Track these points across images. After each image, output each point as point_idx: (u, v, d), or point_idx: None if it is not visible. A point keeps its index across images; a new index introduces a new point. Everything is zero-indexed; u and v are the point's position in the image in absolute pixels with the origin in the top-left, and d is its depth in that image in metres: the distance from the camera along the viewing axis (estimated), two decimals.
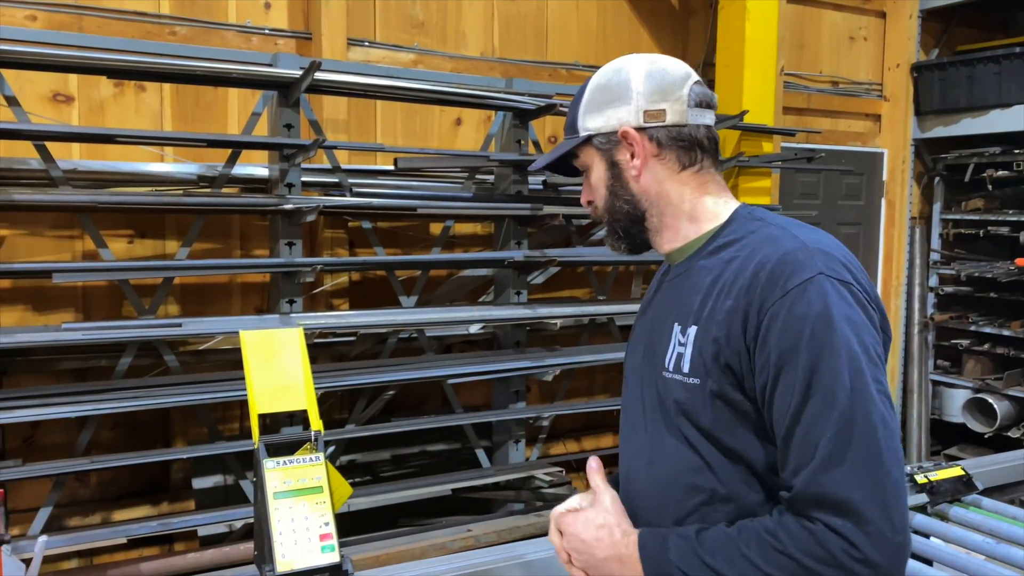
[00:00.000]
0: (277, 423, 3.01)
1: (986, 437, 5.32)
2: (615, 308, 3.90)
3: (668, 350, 1.30)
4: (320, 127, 3.33)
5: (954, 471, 2.77)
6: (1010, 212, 5.34)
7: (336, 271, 3.55)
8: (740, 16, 4.29)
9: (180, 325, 2.89)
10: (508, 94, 3.61)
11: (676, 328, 1.29)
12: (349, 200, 3.27)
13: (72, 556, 3.18)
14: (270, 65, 3.21)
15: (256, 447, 1.98)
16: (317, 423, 2.10)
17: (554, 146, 1.50)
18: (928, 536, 2.56)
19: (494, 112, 3.77)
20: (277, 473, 1.94)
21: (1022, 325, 5.26)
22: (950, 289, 5.73)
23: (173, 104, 3.42)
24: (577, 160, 1.42)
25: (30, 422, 2.98)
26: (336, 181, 3.36)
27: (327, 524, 1.92)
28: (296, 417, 2.99)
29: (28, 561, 2.23)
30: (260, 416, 2.08)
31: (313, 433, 2.05)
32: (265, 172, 3.29)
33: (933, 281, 5.83)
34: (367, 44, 3.79)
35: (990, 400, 5.24)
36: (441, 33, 4.01)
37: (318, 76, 3.00)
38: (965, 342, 5.57)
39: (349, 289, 3.72)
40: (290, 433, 2.55)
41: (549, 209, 3.59)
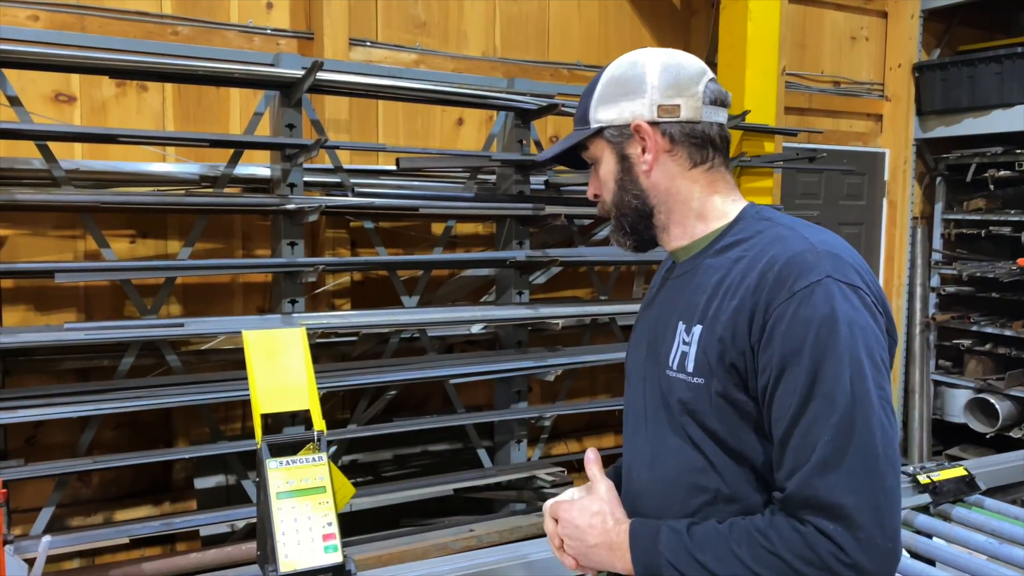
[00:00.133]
0: (279, 423, 3.01)
1: (988, 437, 5.31)
2: (617, 308, 3.90)
3: (672, 349, 1.29)
4: (322, 127, 3.33)
5: (957, 471, 2.77)
6: (1012, 212, 5.34)
7: (338, 271, 3.55)
8: (742, 16, 4.29)
9: (182, 325, 2.89)
10: (510, 94, 3.61)
11: (681, 327, 1.28)
12: (351, 200, 3.26)
13: (74, 556, 3.18)
14: (272, 65, 3.21)
15: (259, 447, 1.98)
16: (320, 423, 2.10)
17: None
18: (931, 536, 2.56)
19: (496, 112, 3.77)
20: (280, 473, 1.94)
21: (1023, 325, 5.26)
22: (952, 289, 5.73)
23: (175, 104, 3.42)
24: (586, 152, 1.39)
25: (32, 422, 2.98)
26: (338, 181, 3.36)
27: (330, 524, 1.92)
28: (298, 417, 2.98)
29: (30, 561, 2.23)
30: (262, 416, 2.08)
31: (316, 433, 2.05)
32: (267, 172, 3.29)
33: (935, 281, 5.83)
34: (369, 44, 3.79)
35: (992, 400, 5.24)
36: (443, 33, 4.01)
37: (320, 76, 3.00)
38: (967, 342, 5.56)
39: (351, 289, 3.72)
40: (293, 433, 2.55)
41: (551, 209, 3.59)
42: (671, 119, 1.30)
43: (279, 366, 2.15)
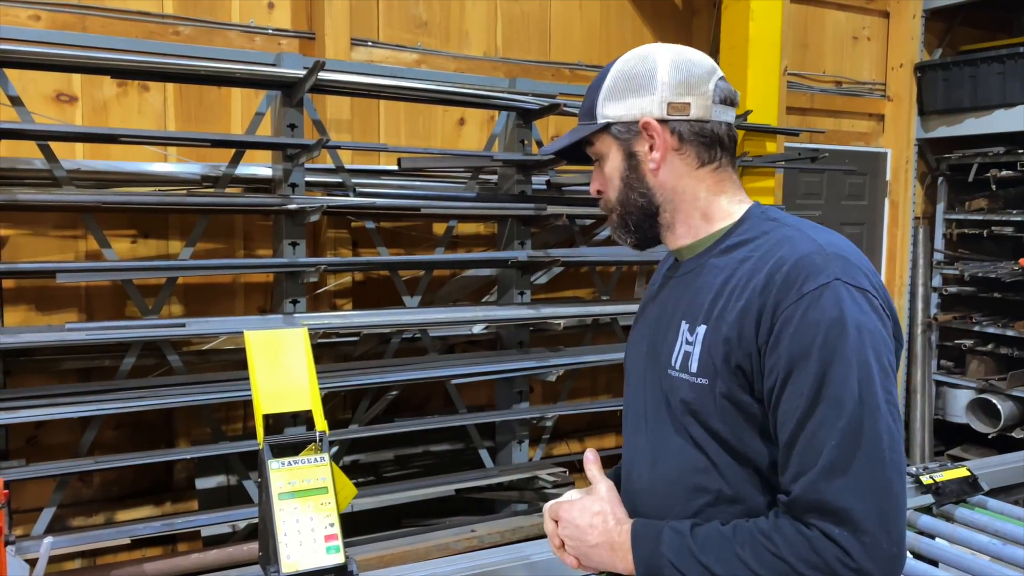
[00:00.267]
0: (280, 423, 3.01)
1: (990, 438, 5.31)
2: (618, 308, 3.90)
3: (674, 348, 1.28)
4: (323, 127, 3.33)
5: (960, 472, 2.77)
6: (1014, 212, 5.33)
7: (339, 271, 3.54)
8: (744, 16, 4.28)
9: (184, 325, 2.89)
10: (511, 94, 3.61)
11: (684, 326, 1.27)
12: (352, 200, 3.26)
13: (75, 556, 3.18)
14: (274, 65, 3.21)
15: (261, 448, 1.97)
16: (322, 424, 2.10)
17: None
18: (933, 537, 2.55)
19: (497, 112, 3.76)
20: (282, 474, 1.93)
21: None
22: (954, 289, 5.72)
23: (176, 104, 3.42)
24: (591, 148, 1.36)
25: (33, 422, 2.98)
26: (339, 181, 3.36)
27: (332, 525, 1.92)
28: (299, 417, 2.98)
29: (31, 561, 2.22)
30: (264, 416, 2.08)
31: (318, 434, 2.05)
32: (269, 172, 3.28)
33: (936, 281, 5.82)
34: (370, 44, 3.78)
35: (994, 400, 5.23)
36: (444, 33, 4.01)
37: (321, 76, 3.00)
38: (969, 342, 5.56)
39: (352, 289, 3.72)
40: (294, 434, 2.54)
41: (552, 209, 3.58)
42: (681, 117, 1.28)
43: (281, 366, 2.14)
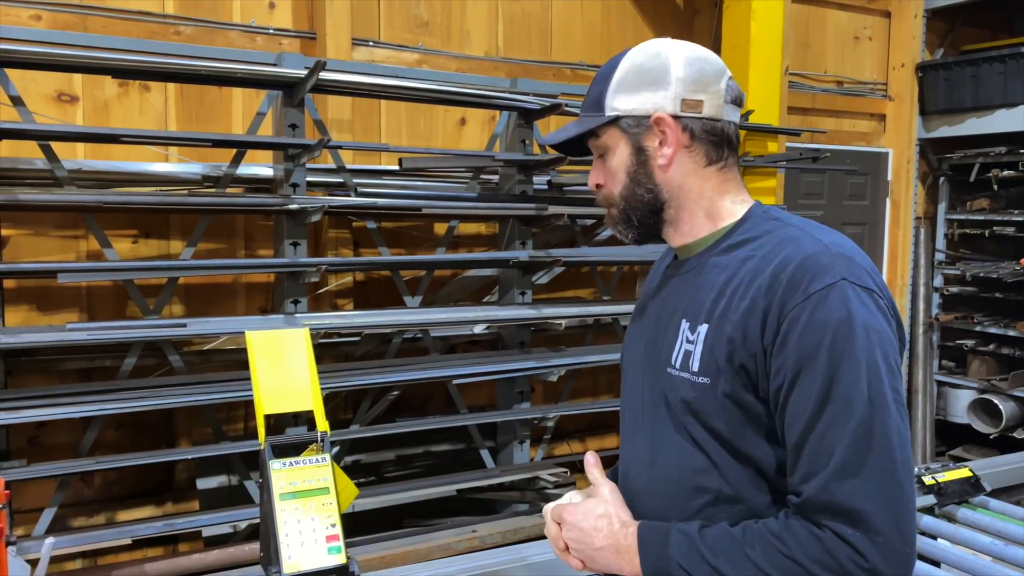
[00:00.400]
0: (281, 424, 3.00)
1: (991, 438, 5.30)
2: (619, 308, 3.89)
3: (674, 347, 1.27)
4: (324, 127, 3.33)
5: (962, 472, 2.76)
6: (1015, 212, 5.32)
7: (341, 271, 3.54)
8: (745, 16, 4.28)
9: (185, 325, 2.89)
10: (512, 94, 3.61)
11: (684, 325, 1.26)
12: (354, 200, 3.26)
13: (76, 556, 3.18)
14: (275, 65, 3.21)
15: (262, 448, 1.97)
16: (323, 424, 2.09)
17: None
18: (935, 538, 2.55)
19: (498, 112, 3.76)
20: (283, 474, 1.93)
21: None
22: (955, 289, 5.72)
23: (177, 104, 3.42)
24: (596, 140, 1.33)
25: (35, 422, 2.98)
26: (341, 181, 3.36)
27: (334, 525, 1.91)
28: (301, 417, 2.98)
29: (32, 562, 2.22)
30: (265, 417, 2.08)
31: (319, 434, 2.04)
32: (270, 172, 3.28)
33: (938, 281, 5.82)
34: (371, 44, 3.78)
35: (995, 401, 5.23)
36: (445, 33, 4.01)
37: (323, 76, 3.00)
38: (970, 342, 5.55)
39: (353, 289, 3.72)
40: (296, 434, 2.54)
41: (554, 209, 3.58)
42: (693, 115, 1.27)
43: (282, 367, 2.14)
